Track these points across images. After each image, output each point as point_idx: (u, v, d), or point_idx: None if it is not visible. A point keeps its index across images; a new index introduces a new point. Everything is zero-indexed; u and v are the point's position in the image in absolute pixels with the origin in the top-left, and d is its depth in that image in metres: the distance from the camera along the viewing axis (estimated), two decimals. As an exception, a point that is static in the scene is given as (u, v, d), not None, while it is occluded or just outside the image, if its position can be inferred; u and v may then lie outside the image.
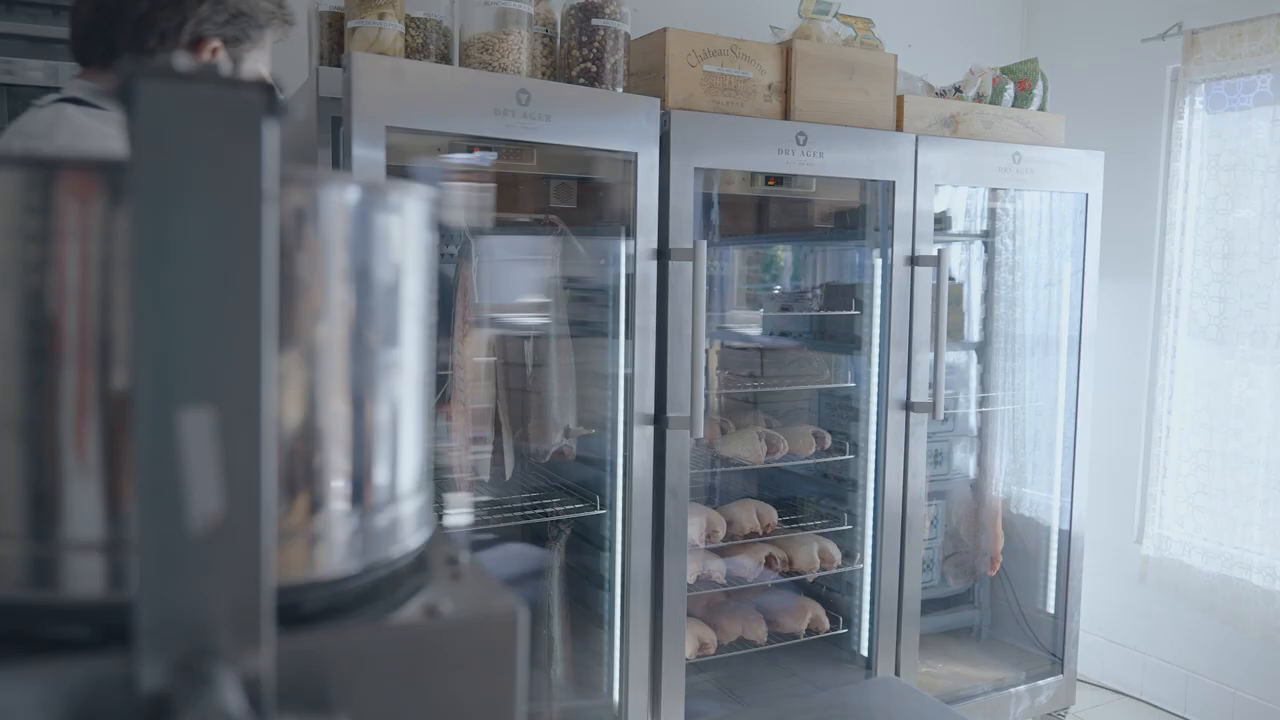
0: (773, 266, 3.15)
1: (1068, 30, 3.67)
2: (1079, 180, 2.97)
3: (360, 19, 2.12)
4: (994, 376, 3.34)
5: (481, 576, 0.59)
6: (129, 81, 0.42)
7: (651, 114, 2.27)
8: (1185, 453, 3.24)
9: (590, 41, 2.33)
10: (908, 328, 2.68)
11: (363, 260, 0.58)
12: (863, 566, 2.78)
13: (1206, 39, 3.10)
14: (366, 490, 0.59)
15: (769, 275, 3.14)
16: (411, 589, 0.58)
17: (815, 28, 2.60)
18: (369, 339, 0.59)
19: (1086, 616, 3.42)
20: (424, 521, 0.64)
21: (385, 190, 0.59)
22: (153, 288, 0.44)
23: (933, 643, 3.26)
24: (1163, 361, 3.28)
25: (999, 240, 3.32)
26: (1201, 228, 3.20)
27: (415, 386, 0.63)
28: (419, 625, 0.53)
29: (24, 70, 1.94)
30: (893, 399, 2.67)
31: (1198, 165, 3.20)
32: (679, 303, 2.33)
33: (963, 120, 2.79)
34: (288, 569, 0.55)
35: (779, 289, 3.16)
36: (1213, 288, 3.17)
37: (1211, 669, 3.20)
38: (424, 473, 0.64)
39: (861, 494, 2.80)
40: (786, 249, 3.12)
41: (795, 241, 3.14)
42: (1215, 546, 3.14)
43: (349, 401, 0.58)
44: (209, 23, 1.22)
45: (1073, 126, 3.17)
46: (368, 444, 0.59)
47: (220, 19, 1.22)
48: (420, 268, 0.62)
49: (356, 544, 0.58)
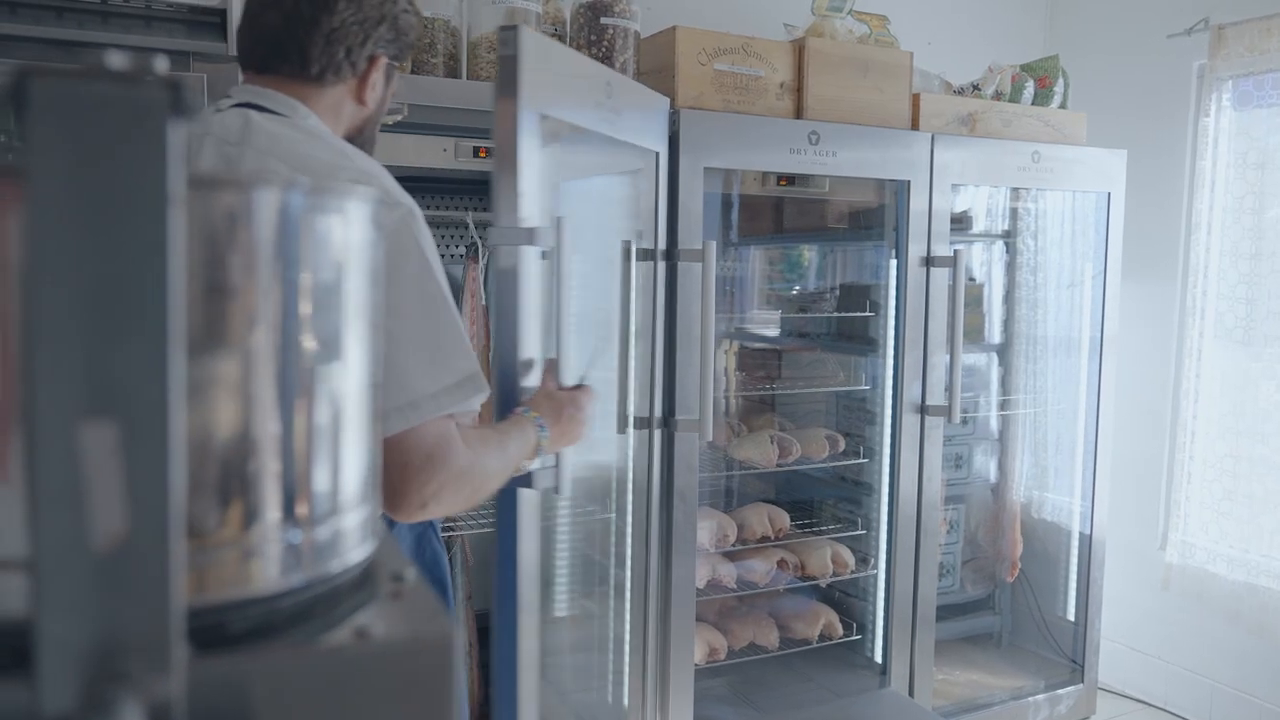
0: (788, 267, 3.11)
1: (1091, 26, 3.61)
2: (1100, 179, 2.91)
3: (366, 18, 2.11)
4: (1015, 379, 3.28)
5: (423, 595, 0.57)
6: (21, 81, 0.40)
7: (660, 113, 2.24)
8: (1210, 458, 3.17)
9: (599, 40, 2.31)
10: (923, 330, 2.63)
11: (300, 263, 0.56)
12: (877, 572, 2.74)
13: (1234, 34, 3.03)
14: (303, 502, 0.57)
15: (784, 276, 3.10)
16: (350, 608, 0.56)
17: (829, 25, 2.56)
18: (307, 343, 0.56)
19: (1108, 624, 3.36)
20: (369, 534, 0.62)
21: (324, 192, 0.57)
22: (49, 296, 0.42)
23: (952, 649, 3.21)
24: (1188, 364, 3.21)
25: (1021, 240, 3.27)
26: (1228, 228, 3.12)
27: (360, 392, 0.61)
28: (347, 648, 0.51)
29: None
30: (907, 402, 2.63)
31: (1224, 164, 3.13)
32: (688, 304, 2.30)
33: (981, 118, 2.74)
34: (216, 586, 0.53)
35: (796, 290, 3.12)
36: (1239, 289, 3.09)
37: (1236, 679, 3.13)
38: (369, 483, 0.62)
39: (876, 498, 2.75)
40: (801, 249, 3.08)
41: (810, 242, 3.10)
42: (1241, 554, 3.06)
43: (285, 409, 0.56)
44: (383, 41, 1.31)
45: (1095, 125, 3.11)
46: (305, 453, 0.57)
47: (390, 37, 1.32)
48: (364, 271, 0.60)
49: (292, 559, 0.56)
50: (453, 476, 1.12)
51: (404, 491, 1.10)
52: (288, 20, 1.25)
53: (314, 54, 1.26)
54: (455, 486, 1.13)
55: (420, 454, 1.09)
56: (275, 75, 1.28)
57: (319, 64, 1.26)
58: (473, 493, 1.19)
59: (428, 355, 1.11)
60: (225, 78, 1.91)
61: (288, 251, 0.55)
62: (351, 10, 1.26)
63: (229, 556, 0.54)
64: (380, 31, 1.29)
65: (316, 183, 0.56)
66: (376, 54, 1.31)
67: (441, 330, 1.13)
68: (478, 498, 1.22)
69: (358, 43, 1.28)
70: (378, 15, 1.29)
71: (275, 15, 1.26)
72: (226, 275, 0.52)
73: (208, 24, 1.87)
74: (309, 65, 1.26)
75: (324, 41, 1.25)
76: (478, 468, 1.18)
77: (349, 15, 1.26)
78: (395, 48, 1.34)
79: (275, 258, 0.54)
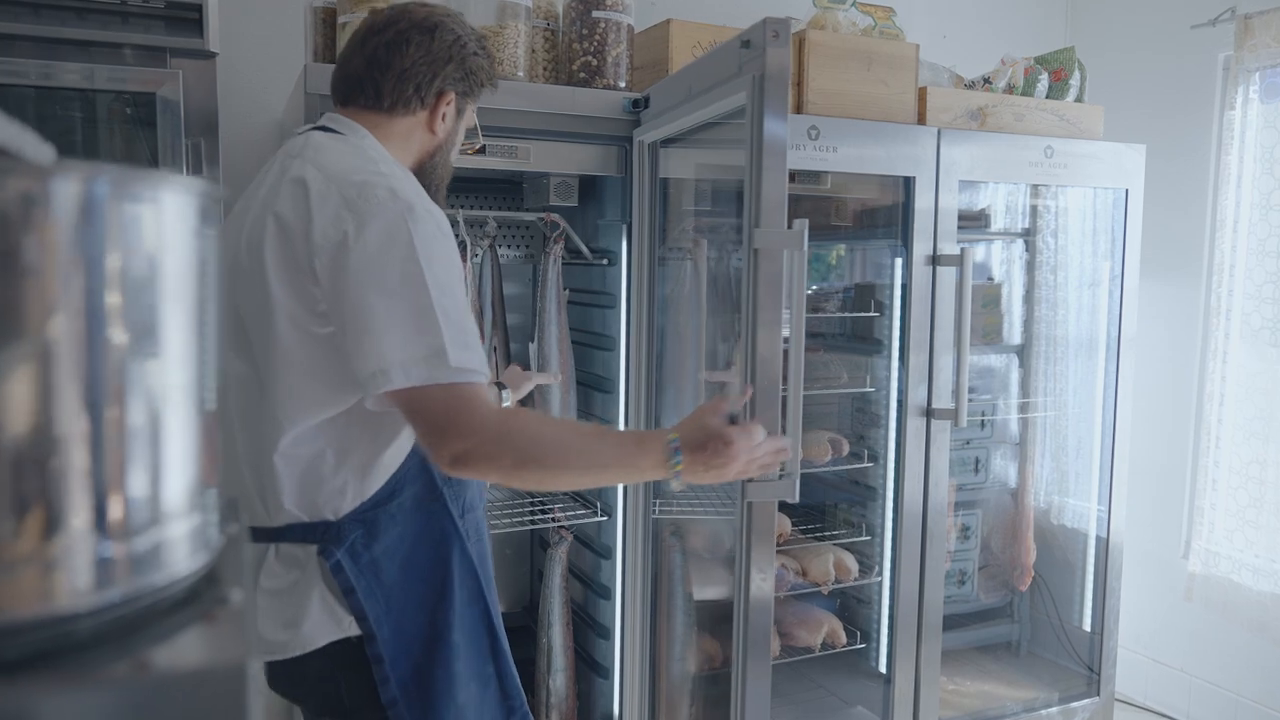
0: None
1: (1111, 17, 3.50)
2: (1117, 175, 2.81)
3: (351, 13, 2.08)
4: (1034, 381, 3.19)
5: (240, 618, 0.52)
6: None
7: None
8: (1235, 464, 3.06)
9: (591, 34, 2.27)
10: (929, 331, 2.55)
11: (105, 251, 0.51)
12: (881, 579, 2.67)
13: (1261, 24, 2.91)
14: (117, 510, 0.53)
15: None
16: (158, 633, 0.52)
17: (831, 17, 2.49)
18: (116, 335, 0.52)
19: (1129, 634, 3.26)
20: (200, 546, 0.57)
21: (132, 180, 0.53)
22: None
23: (967, 658, 3.13)
24: (1212, 367, 3.10)
25: (1041, 239, 3.17)
26: (1255, 225, 3.01)
27: (186, 390, 0.56)
28: (122, 681, 0.46)
29: (61, 74, 1.93)
30: (912, 405, 2.55)
31: (1251, 158, 3.02)
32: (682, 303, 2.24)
33: (991, 113, 2.66)
34: (7, 603, 0.49)
35: (805, 290, 3.04)
36: (1266, 289, 2.98)
37: (1261, 693, 3.02)
38: (198, 489, 0.58)
39: (881, 503, 2.68)
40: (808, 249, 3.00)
41: (818, 241, 3.03)
42: (1268, 564, 2.95)
43: (91, 405, 0.51)
44: (451, 79, 1.50)
45: (1115, 119, 3.01)
46: (119, 456, 0.53)
47: (458, 76, 1.51)
48: (187, 263, 0.56)
49: (103, 574, 0.52)
50: (485, 441, 1.27)
51: (432, 445, 1.28)
52: (369, 63, 1.48)
53: (386, 89, 1.47)
54: (489, 453, 1.27)
55: (443, 415, 1.27)
56: (354, 107, 1.50)
57: (390, 98, 1.48)
58: (520, 466, 1.30)
59: (400, 330, 1.26)
60: (201, 74, 1.89)
61: (90, 238, 0.51)
62: (421, 53, 1.47)
63: (26, 571, 0.50)
64: (448, 70, 1.49)
65: (131, 172, 0.52)
66: (445, 90, 1.50)
67: (419, 311, 1.26)
68: (540, 476, 1.35)
69: (426, 80, 1.48)
70: (445, 56, 1.49)
71: (360, 60, 1.49)
72: (19, 259, 0.49)
73: (185, 20, 1.85)
74: (382, 99, 1.48)
75: (396, 79, 1.47)
76: (526, 443, 1.30)
77: (419, 56, 1.47)
78: (464, 85, 1.53)
79: (75, 243, 0.50)
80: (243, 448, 1.42)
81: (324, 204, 1.30)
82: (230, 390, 1.42)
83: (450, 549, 1.45)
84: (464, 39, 1.51)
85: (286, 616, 1.40)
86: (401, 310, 1.26)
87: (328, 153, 1.38)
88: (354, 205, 1.29)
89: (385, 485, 1.40)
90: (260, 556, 1.41)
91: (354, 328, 1.27)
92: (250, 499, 1.42)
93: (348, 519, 1.38)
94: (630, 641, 2.38)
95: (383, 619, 1.39)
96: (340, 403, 1.35)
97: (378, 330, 1.25)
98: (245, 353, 1.38)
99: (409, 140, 1.51)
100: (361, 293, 1.26)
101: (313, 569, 1.38)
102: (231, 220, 1.47)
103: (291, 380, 1.34)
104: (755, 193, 1.60)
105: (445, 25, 1.50)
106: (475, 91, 1.56)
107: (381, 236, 1.27)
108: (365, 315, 1.26)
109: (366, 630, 1.39)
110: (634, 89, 2.34)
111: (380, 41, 1.48)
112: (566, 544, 2.50)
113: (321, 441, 1.36)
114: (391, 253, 1.27)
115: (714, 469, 1.39)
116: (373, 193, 1.30)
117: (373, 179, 1.32)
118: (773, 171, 1.60)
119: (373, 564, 1.39)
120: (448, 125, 1.53)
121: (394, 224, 1.28)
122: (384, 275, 1.27)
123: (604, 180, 2.38)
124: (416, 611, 1.43)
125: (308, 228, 1.29)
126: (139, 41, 1.84)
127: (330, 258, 1.27)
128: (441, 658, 1.43)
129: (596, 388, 2.50)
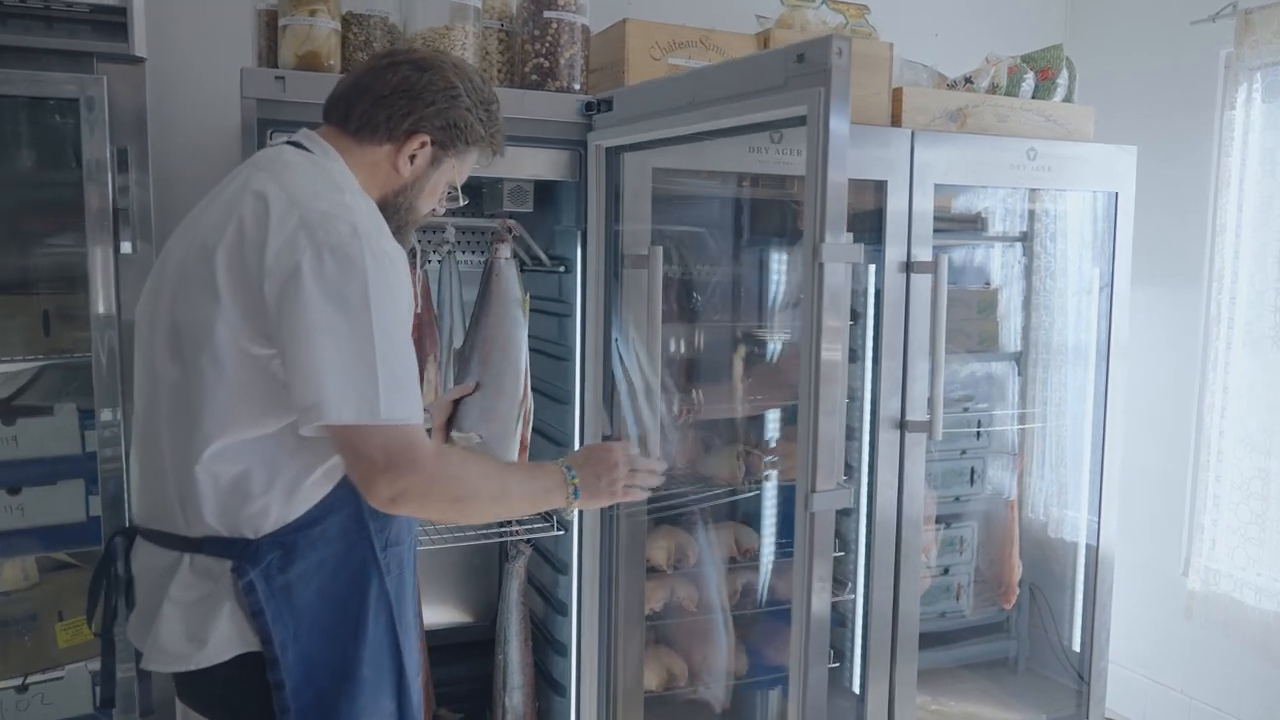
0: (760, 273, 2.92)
1: (1111, 14, 3.38)
2: (1106, 178, 2.69)
3: (291, 15, 2.03)
4: (1030, 389, 3.08)
5: None
6: None
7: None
8: (1237, 478, 2.94)
9: (544, 35, 2.21)
10: (903, 340, 2.46)
11: None
12: (854, 596, 2.58)
13: (1262, 19, 2.79)
14: None
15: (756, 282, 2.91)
16: None
17: (800, 16, 2.42)
18: None
19: (1127, 654, 3.14)
20: None
21: None
22: None
23: (959, 676, 3.04)
24: (1212, 376, 2.98)
25: (1039, 243, 3.06)
26: (1257, 229, 2.89)
27: None
28: None
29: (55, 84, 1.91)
30: (885, 417, 2.46)
31: (1254, 160, 2.90)
32: (638, 314, 2.18)
33: (972, 114, 2.56)
34: None
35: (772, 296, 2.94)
36: (1269, 296, 2.86)
37: (1263, 716, 2.89)
38: None
39: (854, 519, 2.59)
40: (772, 254, 2.88)
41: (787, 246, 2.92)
42: (1270, 583, 2.83)
43: None
44: (427, 122, 1.47)
45: (1109, 120, 2.90)
46: None
47: (437, 123, 1.48)
48: None
49: None
50: (419, 481, 1.31)
51: (368, 484, 1.31)
52: (354, 84, 1.48)
53: (356, 111, 1.46)
54: (424, 491, 1.32)
55: (381, 455, 1.29)
56: (328, 125, 1.50)
57: (358, 121, 1.46)
58: (453, 504, 1.38)
59: (340, 372, 1.27)
60: (128, 78, 1.85)
61: None
62: (404, 86, 1.46)
63: None
64: (427, 112, 1.46)
65: None
66: (418, 130, 1.47)
67: (359, 355, 1.28)
68: (467, 512, 1.44)
69: (399, 113, 1.45)
70: (429, 99, 1.47)
71: (349, 80, 1.50)
72: None
73: (111, 24, 1.82)
74: (349, 121, 1.47)
75: (370, 103, 1.45)
76: (457, 483, 1.37)
77: (400, 88, 1.46)
78: (442, 134, 1.49)
79: None
80: (167, 455, 1.38)
81: (282, 226, 1.28)
82: (160, 395, 1.38)
83: (368, 581, 1.43)
84: (459, 91, 1.49)
85: (192, 629, 1.36)
86: (344, 353, 1.27)
87: (295, 172, 1.38)
88: (314, 234, 1.28)
89: (311, 510, 1.37)
90: (173, 565, 1.38)
91: (294, 358, 1.27)
92: (170, 506, 1.38)
93: (267, 539, 1.35)
94: (587, 659, 2.31)
95: (288, 644, 1.36)
96: (268, 425, 1.33)
97: (317, 367, 1.26)
98: (179, 358, 1.35)
99: (375, 172, 1.48)
100: (307, 327, 1.26)
101: (225, 584, 1.35)
102: (187, 224, 1.44)
103: (221, 394, 1.32)
104: (820, 208, 1.58)
105: (442, 71, 1.49)
106: (455, 145, 1.52)
107: (335, 274, 1.27)
108: (307, 349, 1.26)
109: (270, 655, 1.35)
110: (590, 91, 2.27)
111: (374, 66, 1.49)
112: (524, 558, 2.44)
113: (249, 459, 1.34)
114: (343, 292, 1.27)
115: (603, 477, 1.57)
116: (335, 226, 1.29)
117: (336, 209, 1.31)
118: (836, 186, 1.58)
119: (286, 588, 1.36)
120: (416, 169, 1.50)
121: (350, 264, 1.28)
122: (332, 314, 1.27)
123: (560, 185, 2.31)
124: (326, 640, 1.40)
125: (262, 247, 1.28)
126: (63, 46, 1.80)
127: (281, 284, 1.26)
128: (348, 690, 1.40)
129: (555, 398, 2.44)
